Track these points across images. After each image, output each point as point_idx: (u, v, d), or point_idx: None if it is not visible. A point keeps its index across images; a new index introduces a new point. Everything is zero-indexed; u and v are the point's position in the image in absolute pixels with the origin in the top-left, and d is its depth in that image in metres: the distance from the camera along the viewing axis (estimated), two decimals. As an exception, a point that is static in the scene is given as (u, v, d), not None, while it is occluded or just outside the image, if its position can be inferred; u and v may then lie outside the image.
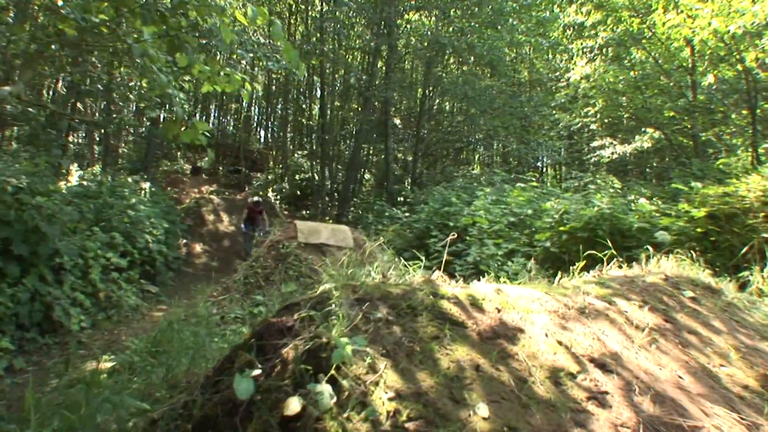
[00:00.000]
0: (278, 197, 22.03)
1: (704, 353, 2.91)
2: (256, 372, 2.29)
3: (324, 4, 20.16)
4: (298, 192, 22.31)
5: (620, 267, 4.37)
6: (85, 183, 11.20)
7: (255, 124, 31.52)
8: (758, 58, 10.26)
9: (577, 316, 2.92)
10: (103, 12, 3.94)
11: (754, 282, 5.09)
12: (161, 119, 22.40)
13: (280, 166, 24.08)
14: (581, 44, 17.39)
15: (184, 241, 15.29)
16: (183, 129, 3.56)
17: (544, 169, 26.26)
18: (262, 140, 29.81)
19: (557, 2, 18.36)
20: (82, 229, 8.72)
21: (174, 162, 24.31)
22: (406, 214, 13.77)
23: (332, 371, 2.13)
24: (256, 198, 14.26)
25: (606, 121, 18.50)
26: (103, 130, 16.73)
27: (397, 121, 23.16)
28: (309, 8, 20.87)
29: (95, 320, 7.76)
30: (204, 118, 30.43)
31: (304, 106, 24.05)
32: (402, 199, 16.89)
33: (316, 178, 21.61)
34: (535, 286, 3.42)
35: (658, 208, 7.94)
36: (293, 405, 2.04)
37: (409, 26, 21.62)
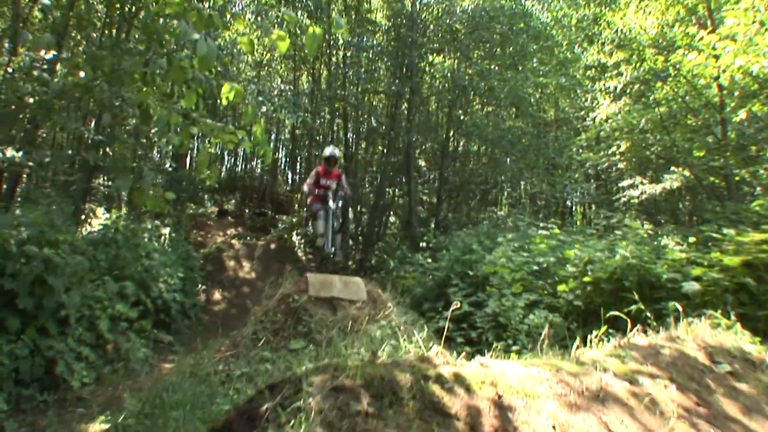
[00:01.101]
0: (302, 241, 21.89)
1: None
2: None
3: (346, 50, 20.34)
4: (323, 236, 22.10)
5: (645, 332, 3.96)
6: (98, 227, 11.16)
7: (282, 166, 31.84)
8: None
9: (589, 402, 2.55)
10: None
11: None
12: (188, 161, 22.77)
13: (305, 209, 24.03)
14: (605, 84, 17.11)
15: (203, 287, 15.15)
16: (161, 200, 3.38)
17: (573, 209, 25.70)
18: (289, 182, 29.99)
19: (579, 42, 18.19)
20: (92, 279, 8.58)
21: (200, 205, 24.43)
22: (428, 260, 13.43)
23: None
24: (330, 150, 8.82)
25: (633, 160, 18.07)
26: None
27: (422, 163, 23.02)
28: (331, 53, 21.05)
29: (100, 374, 7.53)
30: (232, 160, 30.90)
31: (328, 149, 24.15)
32: (425, 244, 16.57)
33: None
34: (545, 362, 3.04)
35: (689, 256, 7.47)
36: None
37: (431, 69, 21.66)
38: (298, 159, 28.50)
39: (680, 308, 4.93)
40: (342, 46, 20.37)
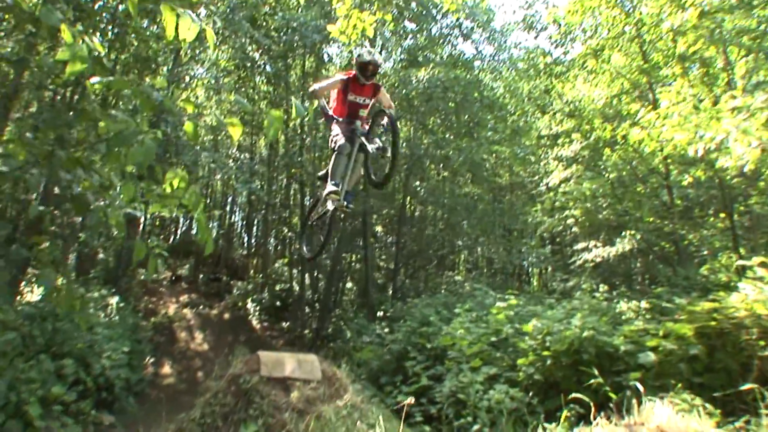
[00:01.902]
0: (257, 308, 21.34)
1: None
2: None
3: (303, 118, 20.54)
4: (278, 302, 21.64)
5: (608, 417, 3.84)
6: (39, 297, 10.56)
7: (238, 230, 31.38)
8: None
9: None
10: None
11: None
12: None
13: (261, 275, 23.56)
14: (557, 152, 17.62)
15: (152, 359, 14.45)
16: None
17: (530, 272, 25.91)
18: (245, 247, 29.54)
19: (531, 112, 18.82)
20: (26, 358, 8.03)
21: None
22: (386, 330, 13.17)
23: None
24: (368, 52, 5.42)
25: (587, 224, 18.44)
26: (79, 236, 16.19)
27: (379, 229, 22.99)
28: (289, 119, 21.20)
29: (29, 467, 6.94)
30: (188, 223, 30.33)
31: (284, 215, 23.91)
32: (382, 312, 16.32)
33: (297, 288, 21.06)
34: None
35: (644, 326, 7.48)
36: None
37: (388, 137, 21.95)
38: (255, 222, 28.20)
39: (640, 387, 4.82)
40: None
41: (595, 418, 4.03)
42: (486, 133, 19.40)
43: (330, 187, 5.21)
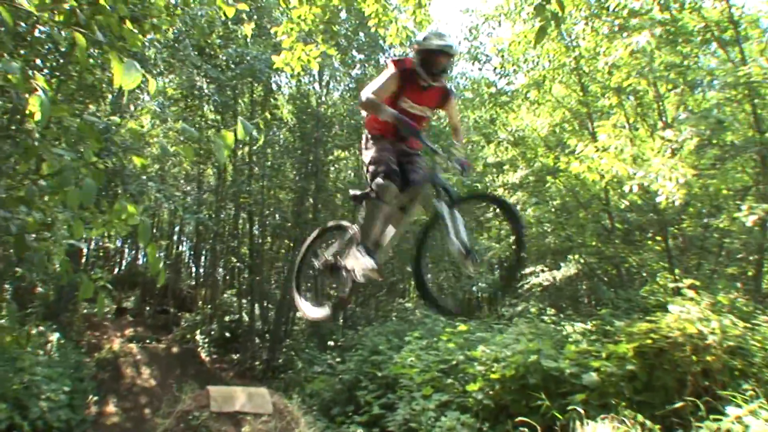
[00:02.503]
0: (206, 341, 20.84)
1: None
2: None
3: (252, 145, 20.50)
4: (228, 334, 21.20)
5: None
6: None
7: (186, 260, 30.69)
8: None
9: None
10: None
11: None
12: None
13: (209, 306, 23.07)
14: (503, 179, 18.11)
15: (95, 398, 13.88)
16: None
17: (480, 298, 26.20)
18: (193, 277, 28.91)
19: (477, 141, 19.31)
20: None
21: (95, 304, 22.77)
22: (337, 359, 13.10)
23: None
24: (435, 32, 3.47)
25: (533, 249, 18.89)
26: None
27: (330, 257, 22.92)
28: (237, 148, 21.06)
29: None
30: (133, 253, 29.52)
31: (233, 244, 23.59)
32: (333, 342, 16.23)
33: (246, 318, 20.72)
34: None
35: (587, 348, 7.74)
36: None
37: (337, 164, 22.12)
38: (203, 252, 27.69)
39: (581, 411, 5.00)
40: (248, 142, 20.49)
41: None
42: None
43: (366, 261, 3.31)
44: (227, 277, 26.57)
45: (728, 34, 10.57)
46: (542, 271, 18.91)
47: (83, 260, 21.50)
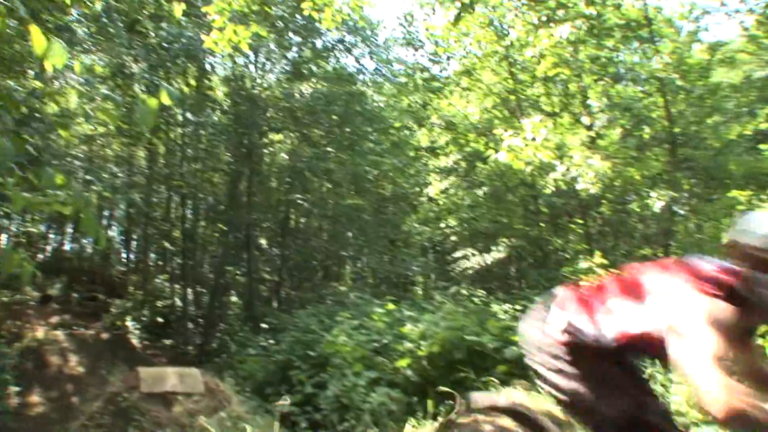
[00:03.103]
0: (138, 326, 20.37)
1: None
2: None
3: (185, 126, 20.07)
4: (160, 319, 20.80)
5: (469, 408, 4.26)
6: None
7: (116, 246, 29.73)
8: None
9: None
10: None
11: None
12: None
13: (141, 291, 22.53)
14: (436, 163, 18.52)
15: (17, 389, 13.39)
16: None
17: (413, 281, 26.71)
18: (124, 263, 28.08)
19: (410, 125, 19.64)
20: None
21: (16, 291, 21.74)
22: (271, 341, 13.16)
23: None
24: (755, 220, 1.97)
25: (465, 233, 19.44)
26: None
27: (263, 241, 22.78)
28: (169, 129, 20.53)
29: None
30: (60, 238, 28.33)
31: (165, 228, 23.05)
32: (267, 325, 16.24)
33: (179, 303, 20.39)
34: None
35: (508, 324, 8.17)
36: None
37: (272, 147, 21.94)
38: (134, 237, 26.94)
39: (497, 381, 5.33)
40: (181, 123, 20.04)
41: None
42: (368, 144, 19.96)
43: None
44: (159, 262, 25.94)
45: (644, 31, 11.20)
46: (473, 254, 19.50)
47: (2, 245, 20.51)
